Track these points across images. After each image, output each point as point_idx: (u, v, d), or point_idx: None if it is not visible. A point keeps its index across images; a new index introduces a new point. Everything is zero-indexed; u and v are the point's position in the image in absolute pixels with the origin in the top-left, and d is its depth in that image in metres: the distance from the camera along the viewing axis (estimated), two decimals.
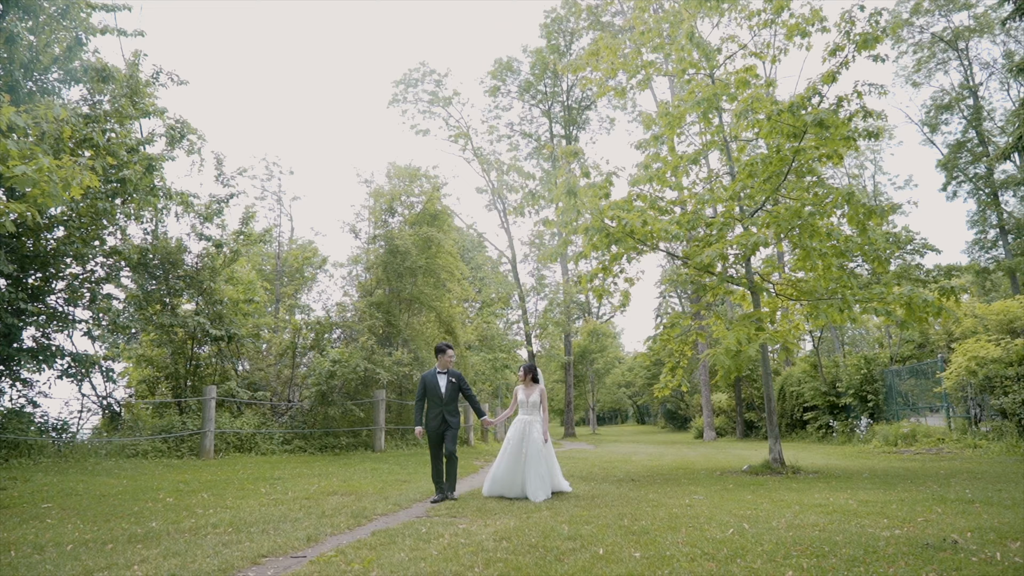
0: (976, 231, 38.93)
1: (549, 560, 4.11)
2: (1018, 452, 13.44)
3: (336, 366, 13.68)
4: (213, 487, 8.47)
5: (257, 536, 5.30)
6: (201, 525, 5.79)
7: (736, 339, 8.86)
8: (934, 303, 9.79)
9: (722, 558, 4.01)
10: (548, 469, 7.89)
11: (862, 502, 6.55)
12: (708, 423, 30.34)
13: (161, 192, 12.45)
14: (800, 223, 10.25)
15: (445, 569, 3.95)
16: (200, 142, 14.73)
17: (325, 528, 5.70)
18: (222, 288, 14.46)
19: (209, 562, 4.34)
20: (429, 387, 7.88)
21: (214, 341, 14.02)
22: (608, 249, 9.84)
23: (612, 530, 5.13)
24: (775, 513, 5.86)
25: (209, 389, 12.29)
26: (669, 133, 12.29)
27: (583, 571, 3.78)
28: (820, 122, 9.54)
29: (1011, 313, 17.83)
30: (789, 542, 4.47)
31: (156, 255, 13.57)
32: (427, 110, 38.85)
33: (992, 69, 38.00)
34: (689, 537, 4.71)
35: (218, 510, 6.68)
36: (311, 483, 9.04)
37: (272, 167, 24.52)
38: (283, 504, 7.13)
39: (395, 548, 4.70)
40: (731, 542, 4.51)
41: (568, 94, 41.11)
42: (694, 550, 4.25)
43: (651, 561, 3.96)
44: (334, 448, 14.01)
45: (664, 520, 5.58)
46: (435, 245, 16.26)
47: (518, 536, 4.98)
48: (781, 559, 3.98)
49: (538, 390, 8.23)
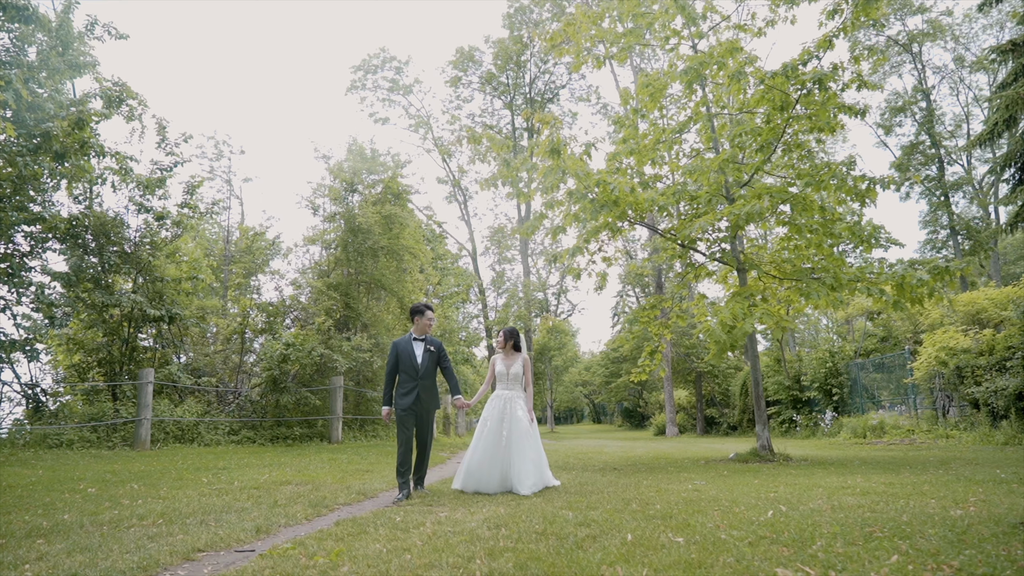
0: (928, 231, 39.84)
1: (568, 548, 3.26)
2: (992, 441, 13.22)
3: (290, 350, 12.51)
4: (145, 477, 7.35)
5: (193, 528, 4.32)
6: (125, 517, 4.76)
7: (732, 313, 8.19)
8: (929, 283, 9.32)
9: (788, 541, 3.23)
10: (535, 456, 6.50)
11: (887, 484, 5.91)
12: (671, 419, 29.98)
13: (93, 151, 11.13)
14: (792, 196, 9.69)
15: (439, 561, 3.07)
16: (141, 107, 13.43)
17: (278, 519, 4.74)
18: (164, 265, 13.17)
19: (127, 559, 3.37)
20: (402, 356, 6.39)
21: (153, 322, 12.71)
22: (593, 218, 9.05)
23: (626, 515, 4.33)
24: (802, 496, 5.15)
25: (146, 372, 11.04)
26: (650, 106, 11.62)
27: (623, 559, 2.95)
28: (819, 80, 8.94)
29: (978, 304, 17.83)
30: (853, 523, 3.73)
31: (88, 225, 12.22)
32: (387, 98, 37.67)
33: (943, 73, 38.85)
34: (727, 520, 3.93)
35: (148, 500, 5.63)
36: (261, 473, 7.99)
37: (222, 146, 23.13)
38: (228, 494, 6.10)
39: (368, 539, 3.79)
40: (780, 525, 3.74)
41: (531, 86, 40.44)
42: (745, 533, 3.47)
43: (702, 547, 3.16)
44: (287, 439, 12.84)
45: (680, 504, 4.80)
46: (398, 225, 15.21)
47: (515, 523, 4.13)
48: (863, 542, 3.22)
49: (520, 360, 6.79)
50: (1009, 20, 33.76)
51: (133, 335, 12.72)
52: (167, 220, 13.23)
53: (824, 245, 10.08)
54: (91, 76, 12.81)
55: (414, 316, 6.54)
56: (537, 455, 6.51)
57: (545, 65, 40.23)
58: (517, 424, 6.43)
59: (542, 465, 6.60)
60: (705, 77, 10.82)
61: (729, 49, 10.81)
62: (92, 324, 12.45)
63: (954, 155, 38.12)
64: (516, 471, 6.24)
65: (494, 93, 40.17)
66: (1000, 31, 36.23)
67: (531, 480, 6.24)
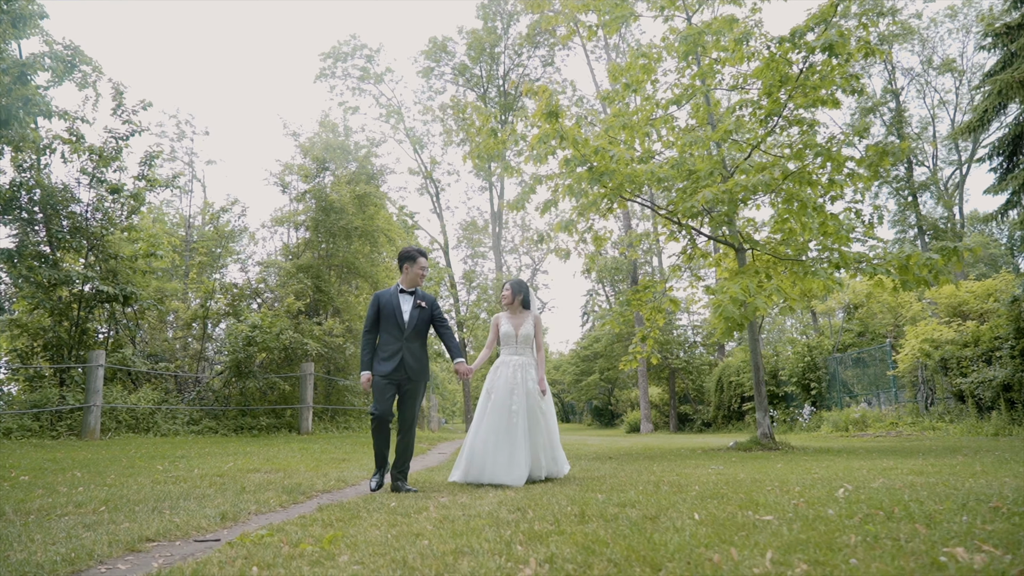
0: (896, 231, 40.34)
1: (631, 530, 2.56)
2: (981, 432, 12.95)
3: (256, 332, 11.54)
4: (91, 465, 6.44)
5: (143, 516, 3.51)
6: (59, 504, 3.93)
7: (742, 288, 7.60)
8: (938, 262, 8.89)
9: (903, 517, 2.59)
10: (550, 437, 5.40)
11: (922, 467, 5.36)
12: (646, 415, 29.57)
13: (39, 110, 10.09)
14: (797, 171, 9.19)
15: (469, 546, 2.35)
16: (96, 74, 12.38)
17: (247, 505, 3.95)
18: (119, 242, 12.10)
19: (50, 551, 2.58)
20: (385, 311, 5.09)
21: (106, 303, 11.65)
22: (591, 187, 8.39)
23: (668, 497, 3.65)
24: (849, 476, 4.54)
25: (96, 355, 10.02)
26: (644, 78, 11.04)
27: (717, 540, 2.24)
28: (830, 47, 8.42)
29: (959, 297, 17.77)
30: (951, 498, 3.10)
31: (33, 195, 11.13)
32: (357, 87, 36.61)
33: (911, 75, 39.42)
34: (801, 499, 3.27)
35: (91, 488, 4.77)
36: (224, 461, 7.12)
37: (184, 125, 21.90)
38: (186, 482, 5.25)
39: (363, 524, 3.05)
40: (872, 502, 3.08)
41: (505, 79, 39.75)
42: (843, 511, 2.80)
43: (806, 524, 2.48)
44: (252, 429, 11.86)
45: (722, 485, 4.14)
46: (373, 205, 14.34)
47: (540, 507, 3.42)
48: (998, 517, 2.58)
49: (531, 318, 5.64)
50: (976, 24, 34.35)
51: (84, 317, 11.64)
52: (122, 194, 12.18)
53: (829, 223, 9.61)
54: (39, 38, 11.76)
55: (403, 264, 5.24)
56: (551, 435, 5.45)
57: (519, 58, 39.63)
58: (529, 396, 5.32)
59: (557, 448, 5.51)
60: (705, 45, 10.27)
61: (727, 21, 10.31)
62: (37, 304, 11.33)
63: (920, 156, 38.69)
64: (529, 455, 5.11)
65: (467, 85, 39.36)
66: (966, 35, 36.95)
67: (547, 466, 5.26)
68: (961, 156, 38.77)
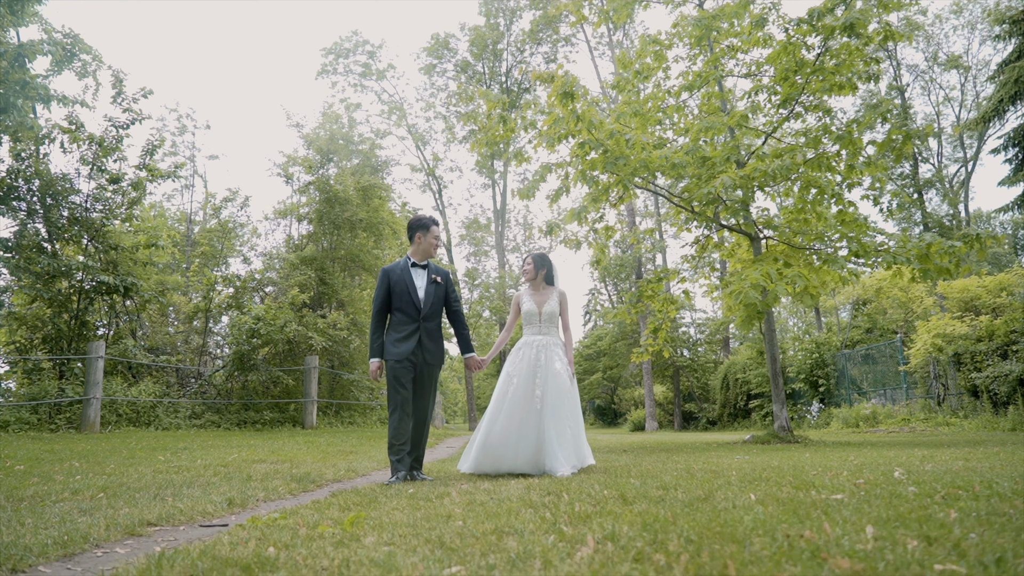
0: (901, 228, 40.14)
1: (687, 511, 2.30)
2: (997, 427, 12.68)
3: (260, 324, 11.28)
4: (89, 456, 6.18)
5: (144, 502, 3.26)
6: (54, 491, 3.68)
7: (763, 273, 7.34)
8: (960, 249, 8.63)
9: (992, 495, 2.33)
10: (575, 426, 4.79)
11: (952, 458, 5.10)
12: (651, 413, 29.28)
13: (38, 95, 9.85)
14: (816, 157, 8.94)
15: (510, 526, 2.10)
16: (96, 63, 12.15)
17: (255, 492, 3.70)
18: (119, 233, 11.86)
19: (41, 535, 2.33)
20: (397, 287, 4.57)
21: (107, 293, 11.39)
22: (607, 172, 8.13)
23: (704, 481, 3.40)
24: (885, 463, 4.28)
25: (96, 346, 9.77)
26: (655, 65, 10.81)
27: (793, 517, 1.97)
28: (851, 26, 8.16)
29: (971, 292, 17.55)
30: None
31: (32, 185, 10.88)
32: (359, 83, 36.36)
33: (916, 72, 39.22)
34: (862, 481, 3.01)
35: (89, 476, 4.52)
36: (228, 453, 6.86)
37: (185, 119, 21.69)
38: (189, 471, 5.00)
39: (385, 508, 2.80)
40: (940, 482, 2.83)
41: (507, 75, 39.47)
42: (923, 490, 2.55)
43: (888, 503, 2.22)
44: (255, 423, 11.61)
45: (763, 470, 3.88)
46: (378, 197, 14.09)
47: (571, 490, 3.16)
48: None
49: (556, 294, 5.07)
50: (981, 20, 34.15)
51: (83, 309, 11.39)
52: (122, 183, 11.93)
53: (846, 211, 9.36)
54: (38, 26, 11.54)
55: (415, 233, 4.69)
56: (577, 424, 4.84)
57: (522, 55, 39.37)
58: (555, 380, 4.69)
59: (582, 438, 4.90)
60: (719, 29, 10.03)
61: (743, 4, 10.08)
62: (36, 296, 11.08)
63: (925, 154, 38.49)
64: (552, 445, 4.50)
65: (469, 82, 39.11)
66: (971, 32, 36.70)
67: (573, 457, 4.63)
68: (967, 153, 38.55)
